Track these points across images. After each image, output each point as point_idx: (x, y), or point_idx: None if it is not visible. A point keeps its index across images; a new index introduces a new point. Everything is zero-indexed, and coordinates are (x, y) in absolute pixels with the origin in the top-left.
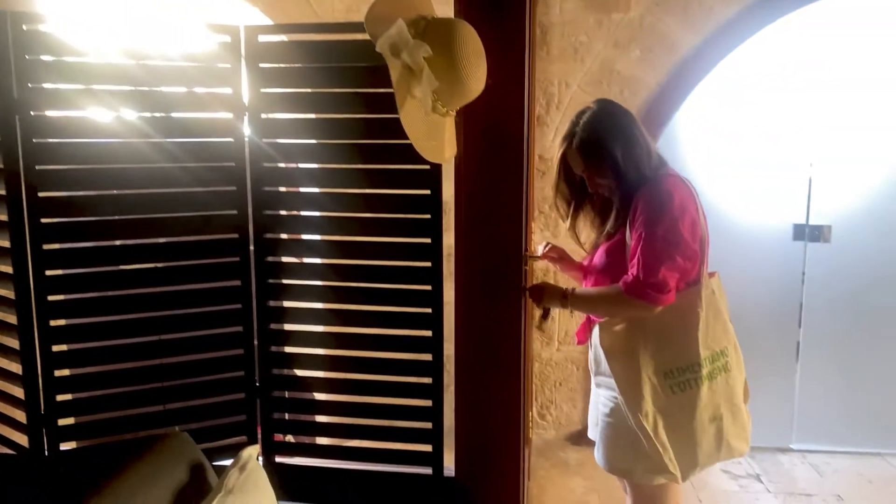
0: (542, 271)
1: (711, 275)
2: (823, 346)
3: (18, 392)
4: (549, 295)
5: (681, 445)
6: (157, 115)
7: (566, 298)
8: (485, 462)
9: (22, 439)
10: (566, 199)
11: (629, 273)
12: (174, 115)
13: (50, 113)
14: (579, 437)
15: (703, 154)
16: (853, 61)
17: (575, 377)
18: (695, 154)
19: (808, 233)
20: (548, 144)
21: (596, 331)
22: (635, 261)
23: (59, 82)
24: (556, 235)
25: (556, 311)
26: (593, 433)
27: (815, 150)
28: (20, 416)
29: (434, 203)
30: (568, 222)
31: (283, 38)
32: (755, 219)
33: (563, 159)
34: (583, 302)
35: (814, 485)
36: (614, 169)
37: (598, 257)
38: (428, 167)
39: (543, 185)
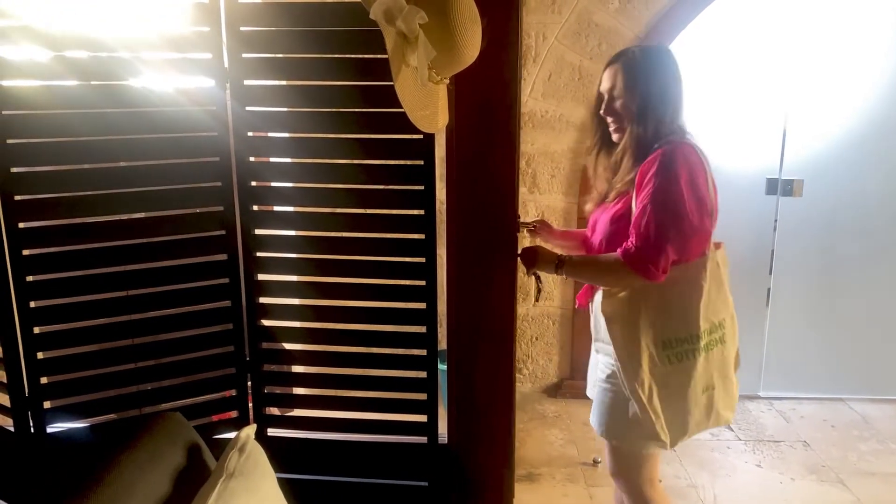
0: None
1: (717, 245)
2: (793, 293)
3: (1, 375)
4: (542, 260)
5: (673, 414)
6: (131, 83)
7: (561, 265)
8: (477, 429)
9: (7, 422)
10: (596, 132)
11: (629, 242)
12: (150, 83)
13: (6, 83)
14: (555, 390)
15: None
16: (829, 14)
17: (551, 332)
18: None
19: (781, 187)
20: (524, 98)
21: (598, 296)
22: (637, 231)
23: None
24: (532, 191)
25: (544, 276)
26: (591, 392)
27: (790, 103)
28: (4, 399)
29: (427, 173)
30: (592, 156)
31: None
32: (730, 171)
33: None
34: (579, 269)
35: (781, 431)
36: (640, 106)
37: (602, 225)
38: (421, 137)
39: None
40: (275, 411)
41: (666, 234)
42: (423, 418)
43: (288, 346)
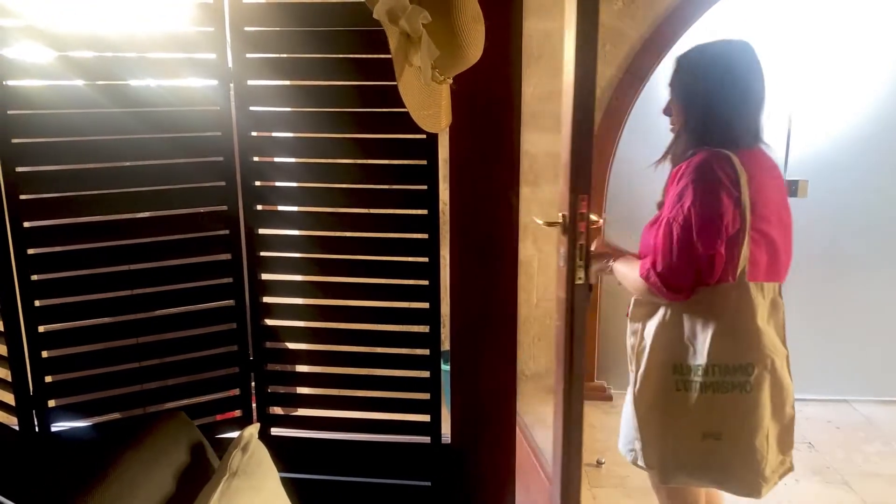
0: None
1: (766, 281)
2: (798, 293)
3: (5, 374)
4: (596, 259)
5: (669, 447)
6: (135, 83)
7: (611, 267)
8: (480, 429)
9: (11, 421)
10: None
11: (648, 259)
12: (154, 83)
13: (11, 83)
14: None
15: None
16: (834, 13)
17: (553, 332)
18: None
19: (786, 187)
20: (526, 98)
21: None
22: (654, 249)
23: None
24: (535, 192)
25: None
26: None
27: (795, 104)
28: (8, 398)
29: (430, 173)
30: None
31: None
32: None
33: None
34: (618, 276)
35: None
36: (684, 107)
37: (644, 233)
38: (424, 136)
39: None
40: (278, 411)
41: (680, 253)
42: (426, 418)
43: (291, 345)
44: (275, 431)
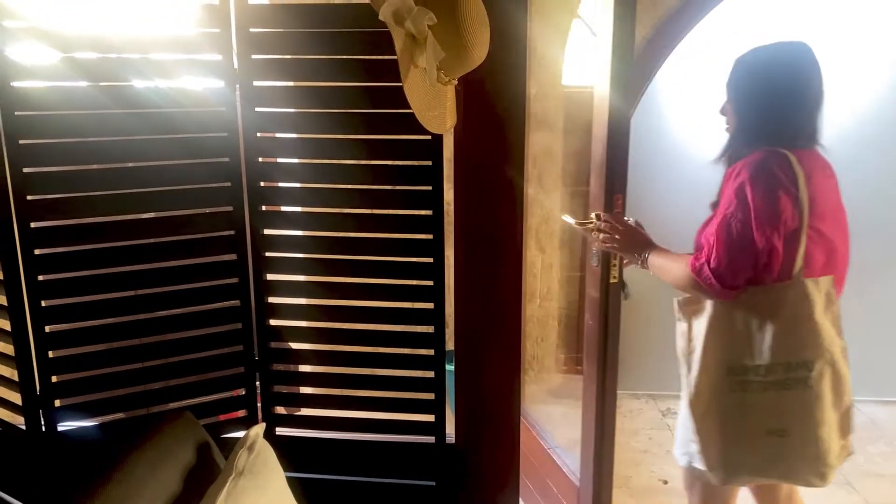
0: None
1: (820, 276)
2: None
3: (12, 373)
4: (631, 246)
5: (729, 447)
6: (141, 84)
7: (644, 260)
8: (484, 429)
9: (18, 420)
10: None
11: (702, 254)
12: (160, 84)
13: (18, 84)
14: (560, 391)
15: (688, 107)
16: (835, 13)
17: (556, 333)
18: (678, 107)
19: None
20: (531, 99)
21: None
22: (708, 246)
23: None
24: (538, 192)
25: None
26: None
27: None
28: (15, 397)
29: (435, 174)
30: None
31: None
32: None
33: None
34: (657, 269)
35: None
36: (737, 108)
37: (698, 235)
38: (429, 137)
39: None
40: (283, 410)
41: (739, 249)
42: (430, 418)
43: (296, 345)
44: (280, 431)
